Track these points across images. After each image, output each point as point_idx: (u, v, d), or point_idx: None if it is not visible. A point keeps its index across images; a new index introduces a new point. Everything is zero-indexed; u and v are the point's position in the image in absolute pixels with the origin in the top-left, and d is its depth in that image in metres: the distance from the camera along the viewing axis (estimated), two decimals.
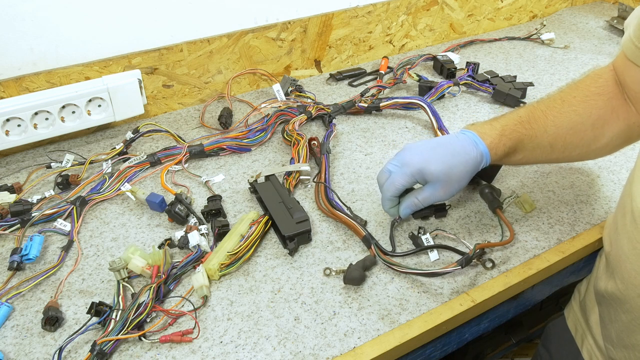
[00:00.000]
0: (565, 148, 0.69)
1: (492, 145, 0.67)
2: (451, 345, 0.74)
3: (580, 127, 0.68)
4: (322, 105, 0.99)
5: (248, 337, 0.60)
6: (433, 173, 0.65)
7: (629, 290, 0.64)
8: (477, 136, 0.67)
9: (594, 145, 0.70)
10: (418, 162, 0.66)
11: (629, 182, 0.66)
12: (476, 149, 0.66)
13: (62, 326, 0.62)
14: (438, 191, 0.66)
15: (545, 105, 0.69)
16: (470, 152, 0.66)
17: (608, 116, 0.67)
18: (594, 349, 0.75)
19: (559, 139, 0.68)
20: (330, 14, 1.10)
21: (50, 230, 0.73)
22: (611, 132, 0.68)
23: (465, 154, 0.66)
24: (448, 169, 0.65)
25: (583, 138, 0.68)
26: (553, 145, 0.69)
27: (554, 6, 1.45)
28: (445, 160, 0.65)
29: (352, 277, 0.65)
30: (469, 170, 0.66)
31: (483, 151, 0.66)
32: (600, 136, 0.68)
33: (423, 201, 0.68)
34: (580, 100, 0.68)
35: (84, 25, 0.88)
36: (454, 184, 0.66)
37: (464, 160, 0.66)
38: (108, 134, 0.96)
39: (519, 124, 0.68)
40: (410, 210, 0.69)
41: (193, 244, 0.70)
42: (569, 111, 0.68)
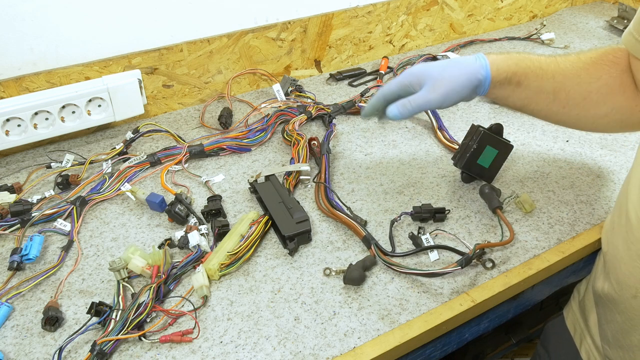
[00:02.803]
0: (567, 102, 0.68)
1: (494, 61, 0.66)
2: (451, 345, 0.74)
3: (587, 86, 0.67)
4: (322, 105, 0.99)
5: (248, 337, 0.60)
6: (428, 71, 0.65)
7: (623, 290, 0.64)
8: (482, 54, 0.67)
9: (594, 111, 0.69)
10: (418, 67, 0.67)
11: (626, 183, 0.66)
12: (476, 60, 0.66)
13: (62, 326, 0.62)
14: (429, 90, 0.65)
15: (560, 56, 0.69)
16: (469, 61, 0.66)
17: (615, 86, 0.67)
18: (592, 349, 0.75)
19: (563, 89, 0.67)
20: (330, 14, 1.10)
21: (50, 230, 0.73)
22: (613, 103, 0.68)
23: (464, 61, 0.66)
24: (443, 67, 0.66)
25: (586, 98, 0.68)
26: (556, 94, 0.68)
27: (554, 6, 1.45)
28: (443, 63, 0.67)
29: (352, 277, 0.65)
30: (465, 74, 0.65)
31: (482, 63, 0.66)
32: (602, 103, 0.68)
33: (413, 101, 0.66)
34: (595, 61, 0.67)
35: (84, 25, 0.88)
36: (447, 83, 0.65)
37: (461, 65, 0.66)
38: (108, 134, 0.96)
39: (528, 59, 0.67)
40: (397, 109, 0.66)
41: (193, 244, 0.70)
42: (581, 67, 0.67)
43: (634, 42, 0.63)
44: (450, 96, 0.66)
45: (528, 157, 0.89)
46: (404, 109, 0.66)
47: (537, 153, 0.90)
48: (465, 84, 0.65)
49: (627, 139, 0.93)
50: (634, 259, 0.61)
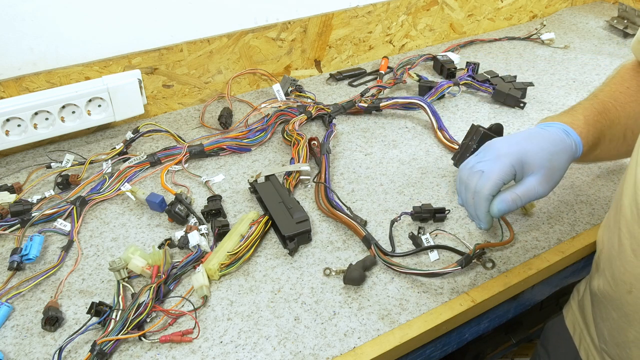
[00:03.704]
0: (633, 139, 0.65)
1: (582, 134, 0.62)
2: (451, 345, 0.74)
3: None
4: (322, 105, 0.99)
5: (248, 337, 0.60)
6: (535, 161, 0.57)
7: (618, 287, 0.64)
8: (567, 126, 0.62)
9: None
10: (516, 152, 0.58)
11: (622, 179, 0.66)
12: (569, 137, 0.61)
13: (62, 326, 0.62)
14: (541, 181, 0.58)
15: (609, 97, 0.66)
16: (565, 141, 0.60)
17: None
18: (591, 348, 0.75)
19: (629, 129, 0.66)
20: (330, 14, 1.10)
21: (50, 230, 0.73)
22: None
23: (562, 142, 0.60)
24: (550, 155, 0.58)
25: None
26: (625, 136, 0.66)
27: (554, 6, 1.45)
28: (545, 148, 0.58)
29: (352, 277, 0.65)
30: (568, 159, 0.60)
31: (576, 140, 0.61)
32: None
33: (523, 195, 0.58)
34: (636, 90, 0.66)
35: (84, 25, 0.88)
36: (556, 172, 0.59)
37: (563, 148, 0.59)
38: (108, 134, 0.96)
39: (598, 115, 0.64)
40: (506, 206, 0.58)
41: (193, 244, 0.70)
42: (631, 101, 0.66)
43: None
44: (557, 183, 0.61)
45: None
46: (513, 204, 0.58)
47: None
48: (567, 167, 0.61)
49: None
50: (628, 254, 0.61)
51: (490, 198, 0.58)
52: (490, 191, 0.58)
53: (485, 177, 0.58)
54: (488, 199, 0.58)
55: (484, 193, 0.58)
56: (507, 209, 0.58)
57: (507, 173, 0.57)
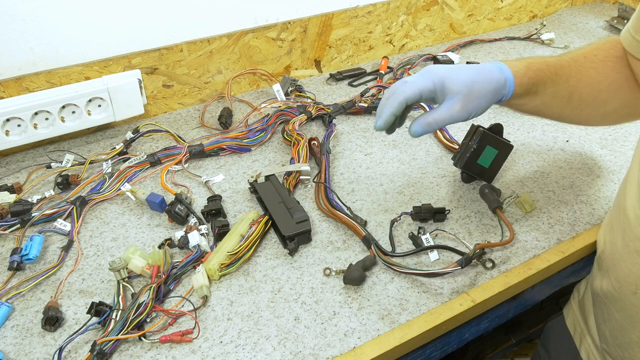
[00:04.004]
0: (579, 103, 0.68)
1: (517, 74, 0.64)
2: (451, 345, 0.74)
3: (597, 85, 0.67)
4: (322, 105, 0.99)
5: (248, 337, 0.60)
6: (455, 83, 0.61)
7: (622, 287, 0.64)
8: (504, 64, 0.65)
9: (604, 108, 0.69)
10: (442, 71, 0.62)
11: (624, 181, 0.66)
12: (501, 73, 0.63)
13: (62, 326, 0.62)
14: (456, 106, 0.62)
15: (569, 57, 0.68)
16: (494, 74, 0.63)
17: (622, 82, 0.67)
18: (592, 348, 0.75)
19: (576, 92, 0.67)
20: (330, 14, 1.10)
21: (50, 230, 0.73)
22: (621, 98, 0.68)
23: (489, 74, 0.63)
24: (471, 82, 0.61)
25: (597, 97, 0.68)
26: (570, 97, 0.68)
27: (554, 6, 1.45)
28: (469, 74, 0.62)
29: (352, 277, 0.65)
30: (492, 90, 0.63)
31: (507, 77, 0.64)
32: (611, 100, 0.68)
33: (438, 118, 0.62)
34: (601, 59, 0.67)
35: (84, 25, 0.88)
36: (474, 100, 0.62)
37: (488, 78, 0.62)
38: (108, 134, 0.96)
39: (544, 65, 0.66)
40: (421, 128, 0.63)
41: (193, 244, 0.70)
42: (590, 67, 0.67)
43: (631, 41, 0.64)
44: (475, 112, 0.63)
45: (528, 157, 0.89)
46: (428, 128, 0.63)
47: (537, 153, 0.90)
48: (490, 99, 0.64)
49: (627, 139, 0.93)
50: (633, 256, 0.61)
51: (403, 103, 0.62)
52: (406, 96, 0.62)
53: (406, 85, 0.63)
54: (401, 103, 0.62)
55: (400, 96, 0.62)
56: (422, 131, 0.63)
57: (426, 87, 0.61)
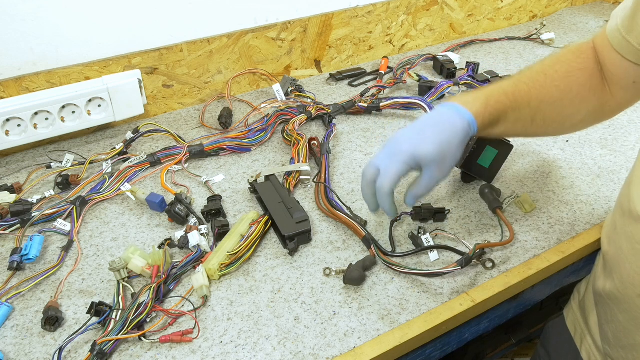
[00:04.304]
0: (544, 122, 0.68)
1: (477, 114, 0.64)
2: (451, 345, 0.74)
3: (560, 102, 0.67)
4: (322, 105, 0.99)
5: (248, 337, 0.60)
6: (427, 156, 0.62)
7: (627, 289, 0.63)
8: (461, 107, 0.64)
9: (569, 122, 0.70)
10: (408, 148, 0.62)
11: (627, 184, 0.65)
12: (462, 120, 0.63)
13: (62, 326, 0.62)
14: (435, 172, 0.63)
15: (528, 78, 0.68)
16: (457, 125, 0.63)
17: (586, 93, 0.67)
18: (592, 349, 0.74)
19: (539, 113, 0.67)
20: (330, 14, 1.10)
21: (50, 230, 0.73)
22: (586, 109, 0.68)
23: (453, 127, 0.63)
24: (440, 147, 0.62)
25: (561, 113, 0.68)
26: (534, 119, 0.68)
27: (554, 6, 1.45)
28: (436, 140, 0.62)
29: (352, 277, 0.65)
30: (460, 142, 0.64)
31: (470, 120, 0.64)
32: (576, 113, 0.68)
33: (425, 189, 0.64)
34: (563, 75, 0.67)
35: (84, 25, 0.88)
36: (449, 160, 0.63)
37: (453, 134, 0.63)
38: (108, 134, 0.96)
39: (503, 96, 0.66)
40: (414, 200, 0.66)
41: (193, 244, 0.70)
42: (551, 86, 0.67)
43: (620, 40, 0.63)
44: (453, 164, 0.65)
45: (528, 157, 0.89)
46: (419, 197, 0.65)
47: (537, 153, 0.90)
48: (461, 148, 0.64)
49: (627, 139, 0.93)
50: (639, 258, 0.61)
51: (392, 193, 0.64)
52: (390, 188, 0.63)
53: (383, 177, 0.63)
54: (390, 194, 0.64)
55: (385, 190, 0.63)
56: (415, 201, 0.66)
57: (401, 170, 0.63)
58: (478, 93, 0.66)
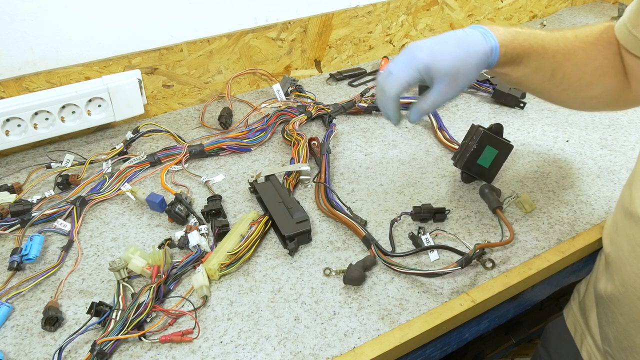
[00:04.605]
0: (562, 81, 0.67)
1: (503, 42, 0.62)
2: (451, 345, 0.74)
3: (583, 67, 0.66)
4: (322, 105, 0.99)
5: (248, 337, 0.60)
6: (441, 68, 0.60)
7: (628, 292, 0.63)
8: (489, 31, 0.62)
9: (585, 92, 0.68)
10: (425, 57, 0.61)
11: (629, 184, 0.65)
12: (486, 42, 0.61)
13: (62, 326, 0.62)
14: (445, 88, 0.62)
15: (560, 34, 0.67)
16: (479, 45, 0.61)
17: (609, 68, 0.66)
18: (593, 349, 0.74)
19: (560, 69, 0.66)
20: (330, 14, 1.10)
21: (50, 230, 0.73)
22: (605, 85, 0.67)
23: (474, 46, 0.61)
24: (456, 62, 0.60)
25: (580, 79, 0.67)
26: (554, 74, 0.66)
27: (554, 6, 1.45)
28: (453, 54, 0.61)
29: (352, 277, 0.65)
30: (478, 63, 0.62)
31: (493, 45, 0.62)
32: (594, 85, 0.67)
33: (432, 104, 0.63)
34: (592, 42, 0.66)
35: (84, 25, 0.88)
36: (461, 77, 0.62)
37: (473, 52, 0.61)
38: (108, 134, 0.96)
39: (532, 37, 0.64)
40: (418, 115, 0.65)
41: (193, 244, 0.70)
42: (579, 48, 0.66)
43: (627, 34, 0.62)
44: (464, 87, 0.63)
45: (528, 157, 0.89)
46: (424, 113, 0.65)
47: (537, 153, 0.90)
48: (476, 72, 0.63)
49: (627, 139, 0.93)
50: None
51: (397, 98, 0.63)
52: (396, 92, 0.62)
53: (392, 79, 0.62)
54: (394, 99, 0.63)
55: (390, 93, 0.62)
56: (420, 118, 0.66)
57: (412, 76, 0.61)
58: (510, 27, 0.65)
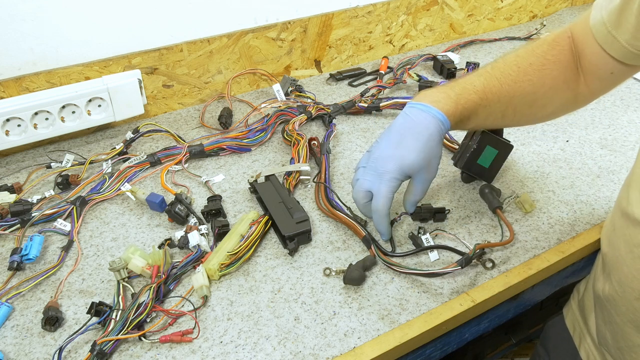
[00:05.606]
0: (514, 115, 0.69)
1: (448, 113, 0.65)
2: (451, 345, 0.74)
3: (532, 96, 0.67)
4: (322, 105, 0.99)
5: (248, 337, 0.60)
6: (413, 166, 0.64)
7: (625, 292, 0.63)
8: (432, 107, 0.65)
9: (541, 113, 0.70)
10: (394, 165, 0.64)
11: (626, 186, 0.65)
12: (436, 120, 0.64)
13: (62, 326, 0.62)
14: (425, 176, 0.66)
15: (500, 72, 0.67)
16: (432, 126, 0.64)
17: (560, 86, 0.67)
18: (591, 348, 0.75)
19: (510, 107, 0.68)
20: (330, 14, 1.10)
21: (50, 230, 0.73)
22: (559, 101, 0.68)
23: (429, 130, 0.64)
24: (423, 154, 0.64)
25: (533, 105, 0.68)
26: (504, 114, 0.68)
27: (554, 6, 1.45)
28: (417, 147, 0.64)
29: (352, 277, 0.65)
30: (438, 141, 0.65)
31: (442, 120, 0.64)
32: (549, 104, 0.69)
33: (421, 193, 0.68)
34: (536, 68, 0.67)
35: (84, 25, 0.88)
36: (434, 161, 0.66)
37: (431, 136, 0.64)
38: (108, 134, 0.96)
39: (473, 94, 0.66)
40: (414, 205, 0.70)
41: (193, 244, 0.70)
42: (524, 80, 0.66)
43: (605, 34, 0.61)
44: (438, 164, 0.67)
45: (528, 157, 0.89)
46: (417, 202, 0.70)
47: (537, 153, 0.90)
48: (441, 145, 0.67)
49: (627, 139, 0.93)
50: (637, 262, 0.61)
51: (387, 214, 0.66)
52: (386, 210, 0.65)
53: (376, 199, 0.65)
54: (387, 215, 0.66)
55: (382, 212, 0.65)
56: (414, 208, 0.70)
57: (394, 188, 0.65)
58: (448, 90, 0.66)
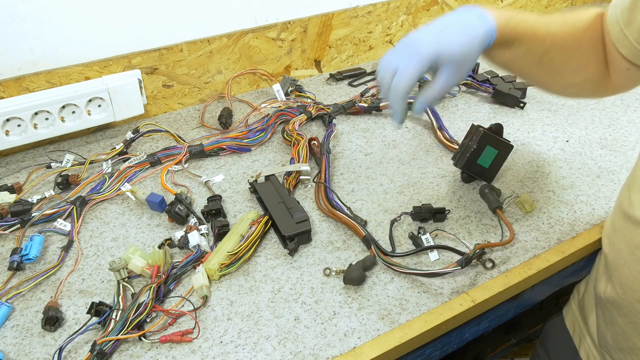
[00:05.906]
0: (548, 66, 0.67)
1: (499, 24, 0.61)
2: (451, 345, 0.74)
3: (570, 53, 0.66)
4: (322, 105, 0.99)
5: (248, 337, 0.60)
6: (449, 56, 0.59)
7: (627, 294, 0.63)
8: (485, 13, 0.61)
9: (569, 79, 0.68)
10: (431, 47, 0.58)
11: (627, 186, 0.65)
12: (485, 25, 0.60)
13: (62, 326, 0.62)
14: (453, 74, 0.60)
15: (550, 19, 0.66)
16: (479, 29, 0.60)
17: (593, 56, 0.66)
18: (591, 348, 0.74)
19: (548, 54, 0.66)
20: (330, 14, 1.10)
21: (50, 230, 0.73)
22: (587, 73, 0.67)
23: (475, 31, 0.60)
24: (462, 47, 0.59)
25: (566, 65, 0.67)
26: (541, 58, 0.66)
27: (554, 6, 1.45)
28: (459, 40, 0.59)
29: (352, 277, 0.65)
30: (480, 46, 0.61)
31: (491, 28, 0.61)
32: (579, 72, 0.67)
33: (441, 89, 0.61)
34: (580, 28, 0.66)
35: (84, 25, 0.88)
36: (467, 63, 0.61)
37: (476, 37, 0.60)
38: (108, 134, 0.96)
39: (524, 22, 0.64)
40: (426, 104, 0.63)
41: (193, 244, 0.70)
42: (567, 33, 0.65)
43: (618, 32, 0.62)
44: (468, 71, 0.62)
45: (528, 157, 0.89)
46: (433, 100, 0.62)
47: (537, 153, 0.90)
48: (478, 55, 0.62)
49: (627, 139, 0.93)
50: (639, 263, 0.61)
51: (406, 95, 0.60)
52: (406, 89, 0.59)
53: (399, 75, 0.59)
54: (405, 97, 0.60)
55: (399, 91, 0.59)
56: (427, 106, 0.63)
57: (421, 70, 0.59)
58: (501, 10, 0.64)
